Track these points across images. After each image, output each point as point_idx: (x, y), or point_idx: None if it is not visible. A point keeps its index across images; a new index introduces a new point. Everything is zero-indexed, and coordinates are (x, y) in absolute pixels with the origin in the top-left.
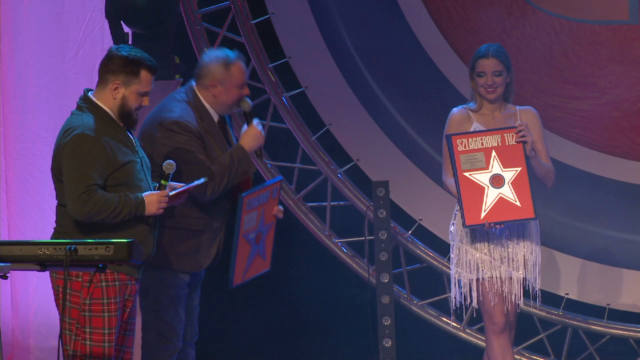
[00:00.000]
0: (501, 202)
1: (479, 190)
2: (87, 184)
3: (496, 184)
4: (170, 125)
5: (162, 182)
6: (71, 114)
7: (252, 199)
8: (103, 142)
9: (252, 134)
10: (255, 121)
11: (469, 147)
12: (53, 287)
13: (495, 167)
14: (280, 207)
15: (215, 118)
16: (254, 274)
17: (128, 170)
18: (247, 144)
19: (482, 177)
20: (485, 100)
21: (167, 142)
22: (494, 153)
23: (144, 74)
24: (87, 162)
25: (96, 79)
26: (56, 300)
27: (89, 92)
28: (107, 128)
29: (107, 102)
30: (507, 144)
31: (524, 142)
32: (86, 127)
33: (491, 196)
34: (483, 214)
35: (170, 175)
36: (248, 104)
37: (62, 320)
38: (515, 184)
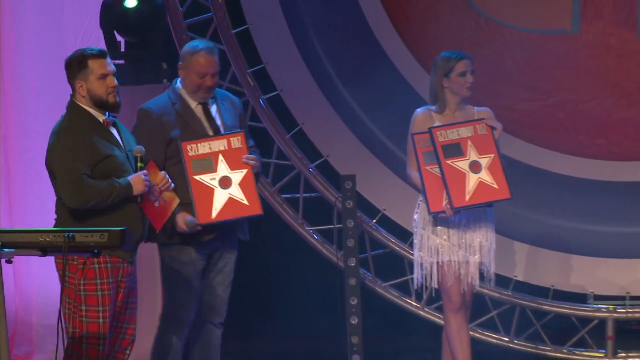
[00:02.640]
0: (481, 185)
1: (461, 175)
2: (76, 174)
3: (475, 170)
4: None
5: (139, 164)
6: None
7: (193, 145)
8: (84, 136)
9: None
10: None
11: (448, 137)
12: (58, 271)
13: (472, 154)
14: (252, 156)
15: (194, 102)
16: (234, 215)
17: (111, 163)
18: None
19: (462, 164)
20: (457, 98)
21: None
22: (469, 142)
23: (90, 62)
24: (72, 155)
25: None
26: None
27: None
28: (87, 125)
29: (85, 102)
30: (478, 133)
31: (494, 129)
32: (67, 126)
33: (472, 180)
34: (468, 196)
35: (142, 157)
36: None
37: (61, 300)
38: (490, 168)
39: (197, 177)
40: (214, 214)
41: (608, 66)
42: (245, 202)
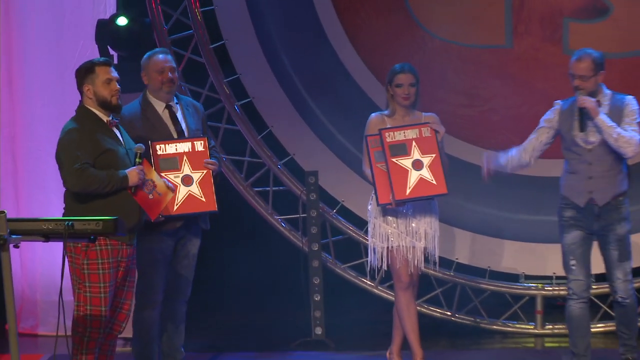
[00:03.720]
0: (421, 181)
1: (404, 172)
2: (79, 162)
3: (417, 167)
4: None
5: (137, 160)
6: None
7: (162, 145)
8: (87, 132)
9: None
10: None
11: (395, 138)
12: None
13: (416, 154)
14: (212, 160)
15: (160, 107)
16: (192, 210)
17: (110, 156)
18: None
19: (406, 162)
20: (401, 106)
21: None
22: (414, 143)
23: (97, 68)
24: (77, 147)
25: None
26: (70, 265)
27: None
28: (92, 124)
29: (91, 103)
30: (423, 135)
31: (437, 132)
32: (74, 123)
33: (413, 177)
34: (408, 190)
35: (141, 155)
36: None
37: (62, 280)
38: (431, 167)
39: (163, 174)
40: (175, 207)
41: (536, 76)
42: (203, 199)
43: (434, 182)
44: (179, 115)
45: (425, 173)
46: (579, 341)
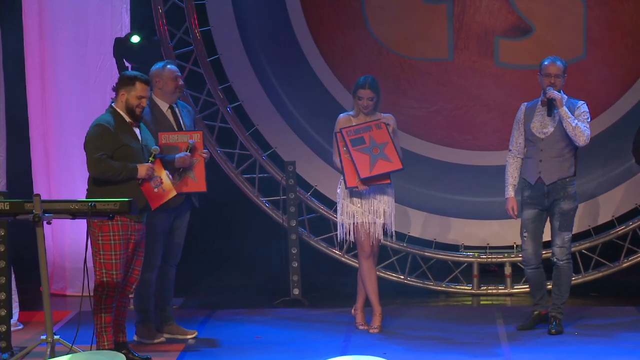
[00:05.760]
0: (380, 162)
1: (365, 157)
2: (99, 152)
3: (375, 152)
4: None
5: (150, 159)
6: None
7: (166, 135)
8: (110, 128)
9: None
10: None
11: (354, 134)
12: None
13: (372, 143)
14: (205, 150)
15: (165, 107)
16: (188, 190)
17: (126, 150)
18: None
19: (365, 149)
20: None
21: None
22: (370, 135)
23: (137, 84)
24: (98, 139)
25: (107, 97)
26: (90, 237)
27: (113, 102)
28: (117, 122)
29: (120, 106)
30: (376, 129)
31: (387, 125)
32: (101, 120)
33: (373, 159)
34: (371, 169)
35: (155, 155)
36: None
37: (86, 250)
38: (387, 150)
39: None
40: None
41: (473, 84)
42: (196, 181)
43: (391, 161)
44: (178, 114)
45: (383, 155)
46: (535, 293)
